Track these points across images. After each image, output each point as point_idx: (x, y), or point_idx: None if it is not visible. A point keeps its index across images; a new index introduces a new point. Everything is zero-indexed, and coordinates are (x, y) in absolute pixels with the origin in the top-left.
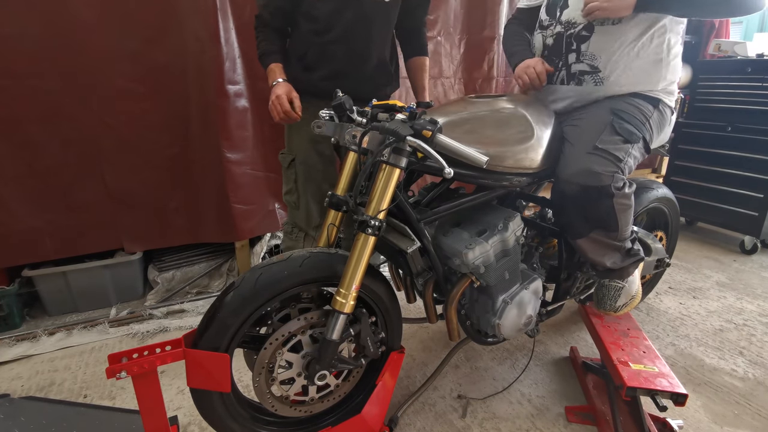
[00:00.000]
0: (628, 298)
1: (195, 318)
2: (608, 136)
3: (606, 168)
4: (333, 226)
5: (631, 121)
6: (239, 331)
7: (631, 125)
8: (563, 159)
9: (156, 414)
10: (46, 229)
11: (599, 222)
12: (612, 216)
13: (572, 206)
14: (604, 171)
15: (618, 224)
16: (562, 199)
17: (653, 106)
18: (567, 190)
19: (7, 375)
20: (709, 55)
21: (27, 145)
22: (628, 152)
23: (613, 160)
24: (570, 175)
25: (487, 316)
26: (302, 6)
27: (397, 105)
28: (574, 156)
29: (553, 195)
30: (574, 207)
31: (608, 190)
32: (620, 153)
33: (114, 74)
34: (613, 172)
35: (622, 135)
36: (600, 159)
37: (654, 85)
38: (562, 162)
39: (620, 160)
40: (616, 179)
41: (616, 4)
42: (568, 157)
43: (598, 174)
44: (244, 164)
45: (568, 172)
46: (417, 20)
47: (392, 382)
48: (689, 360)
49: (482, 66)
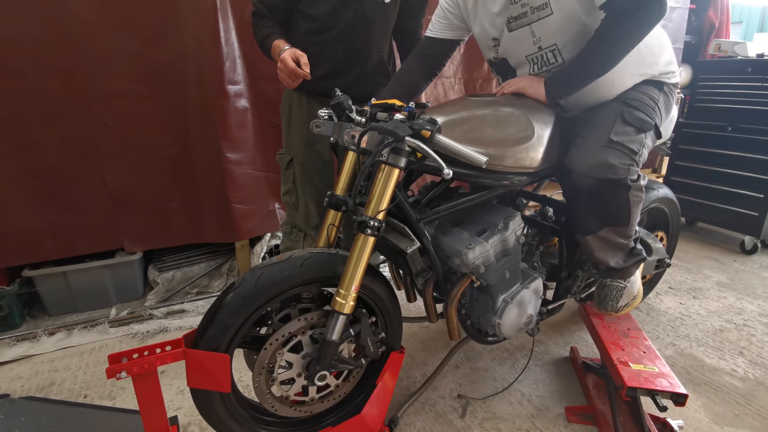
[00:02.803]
0: (630, 299)
1: (195, 318)
2: (621, 127)
3: (622, 161)
4: (332, 227)
5: (642, 108)
6: (239, 331)
7: (642, 112)
8: (576, 153)
9: (156, 414)
10: (46, 229)
11: (611, 216)
12: (626, 209)
13: (585, 201)
14: (621, 164)
15: (630, 218)
16: (575, 193)
17: (658, 89)
18: (581, 184)
19: (7, 375)
20: (709, 55)
21: (27, 145)
22: (642, 143)
23: (629, 153)
24: (585, 169)
25: (488, 315)
26: (299, 5)
27: (396, 105)
28: (588, 149)
29: (565, 190)
30: (587, 201)
31: (625, 182)
32: (635, 145)
33: (114, 74)
34: (629, 164)
35: (634, 125)
36: (616, 152)
37: (649, 68)
38: (575, 156)
39: (635, 152)
40: (632, 171)
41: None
42: (582, 150)
43: (615, 167)
44: (244, 164)
45: (583, 166)
46: (414, 21)
47: (392, 382)
48: (689, 360)
49: (482, 66)
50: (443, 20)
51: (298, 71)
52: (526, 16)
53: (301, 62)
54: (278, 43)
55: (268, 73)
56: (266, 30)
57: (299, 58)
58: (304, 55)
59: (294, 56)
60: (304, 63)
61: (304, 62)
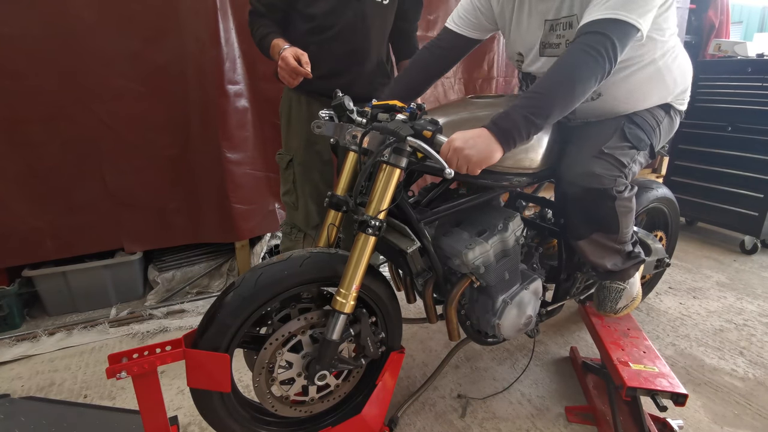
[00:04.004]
0: (629, 300)
1: (195, 318)
2: (617, 141)
3: (609, 171)
4: (333, 226)
5: (643, 127)
6: (239, 331)
7: (642, 131)
8: (566, 161)
9: (156, 414)
10: (46, 229)
11: (600, 224)
12: (613, 218)
13: (574, 208)
14: (607, 174)
15: (619, 226)
16: (565, 200)
17: (665, 111)
18: (569, 192)
19: (7, 375)
20: (710, 55)
21: (27, 145)
22: (633, 158)
23: (617, 165)
24: (572, 177)
25: (487, 316)
26: (298, 4)
27: (397, 105)
28: (577, 158)
29: (556, 196)
30: (575, 208)
31: (610, 192)
32: (625, 158)
33: (114, 74)
34: (615, 176)
35: (630, 141)
36: (604, 163)
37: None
38: (565, 163)
39: (624, 165)
40: (618, 183)
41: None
42: (572, 159)
43: (600, 176)
44: (244, 164)
45: (570, 174)
46: (409, 23)
47: (392, 382)
48: (689, 360)
49: (482, 66)
50: (472, 18)
51: (300, 69)
52: (559, 47)
53: (302, 61)
54: (277, 42)
55: (268, 73)
56: (264, 29)
57: (300, 56)
58: (305, 54)
59: (295, 55)
60: (305, 61)
61: (305, 61)
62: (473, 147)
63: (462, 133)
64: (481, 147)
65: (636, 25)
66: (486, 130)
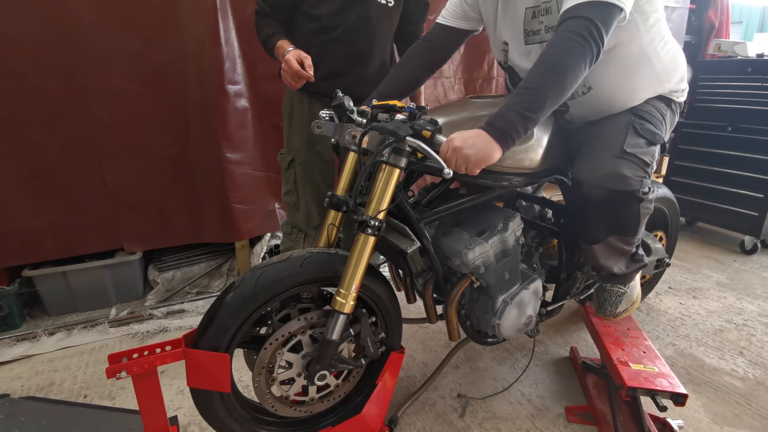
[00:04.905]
0: (629, 304)
1: (195, 318)
2: (633, 138)
3: (636, 172)
4: (333, 227)
5: (652, 121)
6: (239, 331)
7: (652, 125)
8: (586, 163)
9: (156, 414)
10: (46, 229)
11: (619, 227)
12: (635, 220)
13: (594, 211)
14: (635, 176)
15: (637, 228)
16: (586, 203)
17: (666, 105)
18: (593, 195)
19: (7, 375)
20: (709, 55)
21: (27, 145)
22: (653, 156)
23: (642, 165)
24: (597, 179)
25: (487, 316)
26: (303, 5)
27: (397, 105)
28: (598, 160)
29: (572, 200)
30: (596, 211)
31: (637, 194)
32: (647, 157)
33: (114, 74)
34: (641, 176)
35: (645, 137)
36: (630, 163)
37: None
38: (586, 166)
39: (648, 164)
40: (644, 184)
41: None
42: (592, 160)
43: (629, 178)
44: (244, 164)
45: (594, 176)
46: (415, 25)
47: (392, 382)
48: (689, 360)
49: (482, 66)
50: (457, 8)
51: (302, 73)
52: (539, 34)
53: (305, 64)
54: (282, 43)
55: (268, 73)
56: (269, 29)
57: (303, 59)
58: (308, 57)
59: (298, 58)
60: (308, 65)
61: (308, 64)
62: (472, 146)
63: (461, 132)
64: (480, 146)
65: (618, 5)
66: (483, 131)
